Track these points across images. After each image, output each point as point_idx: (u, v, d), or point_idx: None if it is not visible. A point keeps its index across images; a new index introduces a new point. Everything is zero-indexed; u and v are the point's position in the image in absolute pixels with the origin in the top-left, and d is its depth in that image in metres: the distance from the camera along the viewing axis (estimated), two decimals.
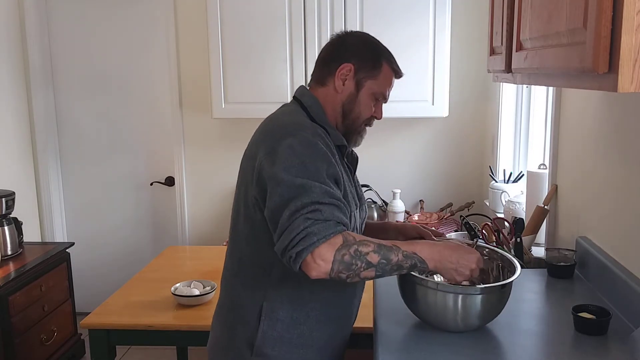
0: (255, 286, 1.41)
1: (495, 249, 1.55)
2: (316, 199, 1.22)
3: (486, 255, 1.51)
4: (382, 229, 1.64)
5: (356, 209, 1.45)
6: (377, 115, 1.48)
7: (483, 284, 1.43)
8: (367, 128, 1.50)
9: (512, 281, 1.34)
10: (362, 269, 1.23)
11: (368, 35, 1.49)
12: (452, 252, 1.30)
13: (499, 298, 1.34)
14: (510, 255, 1.48)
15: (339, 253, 1.20)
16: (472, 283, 1.40)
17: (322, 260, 1.19)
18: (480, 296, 1.30)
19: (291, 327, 1.40)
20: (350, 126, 1.46)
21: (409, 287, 1.39)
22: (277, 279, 1.39)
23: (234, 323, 1.44)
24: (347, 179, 1.42)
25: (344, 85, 1.42)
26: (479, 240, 2.03)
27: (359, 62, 1.42)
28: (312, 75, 1.50)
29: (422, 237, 1.54)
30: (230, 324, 1.45)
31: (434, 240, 1.51)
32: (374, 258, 1.23)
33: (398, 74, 1.48)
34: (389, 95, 1.48)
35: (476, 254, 1.33)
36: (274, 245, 1.26)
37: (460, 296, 1.30)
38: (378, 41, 1.48)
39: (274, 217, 1.26)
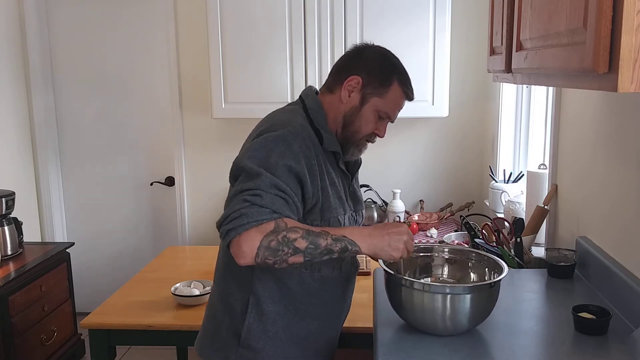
0: (243, 279, 1.44)
1: (481, 252, 1.53)
2: (261, 187, 1.25)
3: (473, 260, 1.51)
4: None
5: (344, 213, 1.45)
6: (379, 133, 1.47)
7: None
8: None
9: (500, 280, 1.33)
10: (289, 255, 1.24)
11: (387, 52, 1.46)
12: (381, 230, 1.32)
13: (488, 298, 1.33)
14: (497, 258, 1.46)
15: (267, 239, 1.22)
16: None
17: (248, 246, 1.21)
18: (469, 296, 1.29)
19: (276, 321, 1.43)
20: (349, 138, 1.45)
21: (396, 292, 1.36)
22: (263, 273, 1.41)
23: (222, 313, 1.48)
24: (333, 184, 1.42)
25: (349, 96, 1.42)
26: (478, 240, 2.03)
27: (368, 77, 1.41)
28: (325, 80, 1.50)
29: None
30: (219, 314, 1.49)
31: None
32: (302, 244, 1.24)
33: (409, 96, 1.46)
34: (395, 116, 1.47)
35: (403, 226, 1.36)
36: None
37: (448, 296, 1.29)
38: (397, 60, 1.45)
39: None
